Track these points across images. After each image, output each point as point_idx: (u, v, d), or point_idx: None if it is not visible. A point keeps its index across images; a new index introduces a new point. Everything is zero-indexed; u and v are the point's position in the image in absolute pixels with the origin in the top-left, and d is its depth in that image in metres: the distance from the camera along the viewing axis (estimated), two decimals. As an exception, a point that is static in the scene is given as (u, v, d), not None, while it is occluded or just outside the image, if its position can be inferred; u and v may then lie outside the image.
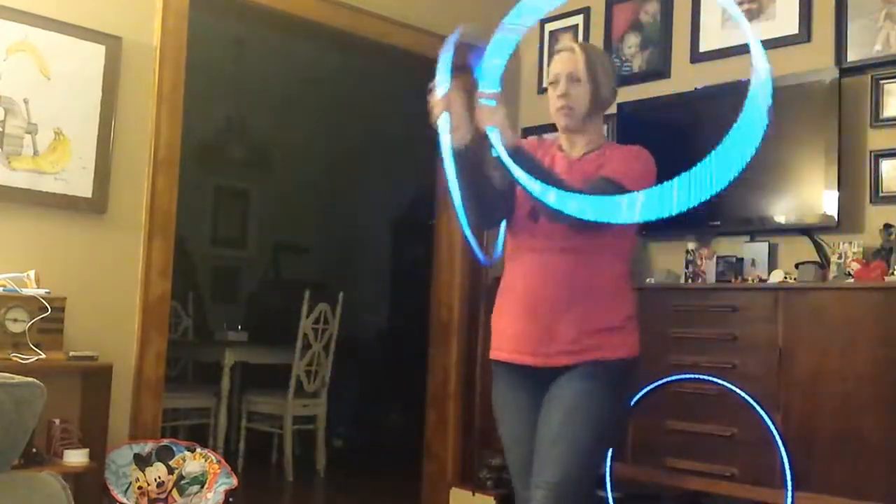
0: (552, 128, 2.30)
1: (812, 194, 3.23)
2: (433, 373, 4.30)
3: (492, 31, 1.94)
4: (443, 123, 2.00)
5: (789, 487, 2.72)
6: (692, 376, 3.00)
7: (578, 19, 4.23)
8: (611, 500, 3.18)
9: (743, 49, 3.58)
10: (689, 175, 1.61)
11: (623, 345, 2.14)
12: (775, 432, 2.76)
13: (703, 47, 3.75)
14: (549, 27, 4.33)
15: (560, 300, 2.11)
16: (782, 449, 2.73)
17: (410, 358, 4.88)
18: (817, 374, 2.86)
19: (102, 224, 3.12)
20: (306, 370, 5.05)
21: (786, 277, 3.17)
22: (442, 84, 2.00)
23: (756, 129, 1.58)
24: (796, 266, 3.19)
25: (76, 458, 2.79)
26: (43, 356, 2.72)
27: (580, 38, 4.18)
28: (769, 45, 3.51)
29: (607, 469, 3.15)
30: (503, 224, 2.26)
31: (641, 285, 3.32)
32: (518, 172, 1.83)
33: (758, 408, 2.80)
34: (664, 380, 2.98)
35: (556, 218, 1.95)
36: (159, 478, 3.03)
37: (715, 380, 2.94)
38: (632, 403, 2.97)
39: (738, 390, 2.86)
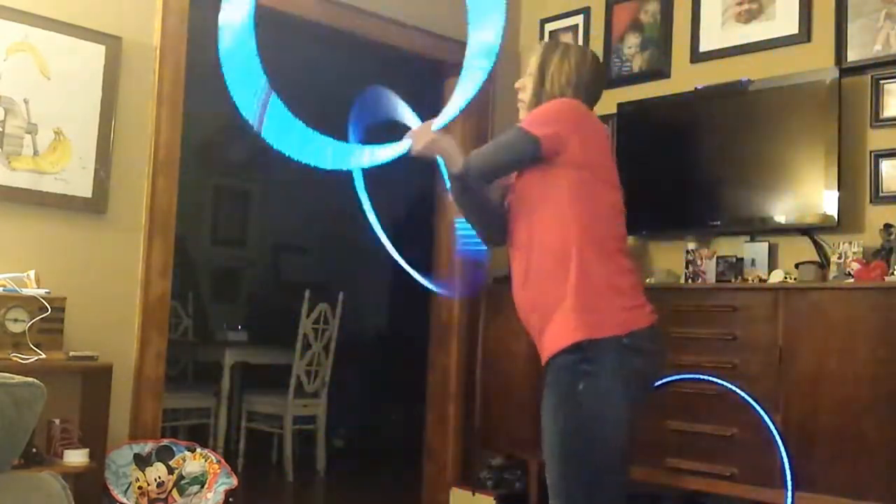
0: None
1: (812, 194, 3.23)
2: (433, 373, 4.30)
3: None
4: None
5: (789, 487, 2.71)
6: (692, 376, 2.99)
7: (578, 19, 4.23)
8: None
9: (743, 49, 3.61)
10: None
11: (559, 335, 1.99)
12: (775, 432, 2.76)
13: (703, 47, 3.75)
14: (549, 27, 4.33)
15: (524, 296, 2.13)
16: (782, 449, 2.73)
17: (410, 358, 4.87)
18: (817, 374, 2.86)
19: (102, 224, 3.12)
20: (306, 370, 5.04)
21: (786, 277, 3.18)
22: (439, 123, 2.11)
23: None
24: (796, 266, 3.19)
25: (76, 458, 2.79)
26: (43, 356, 2.71)
27: (580, 37, 4.18)
28: (769, 45, 3.52)
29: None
30: None
31: (641, 285, 3.32)
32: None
33: (758, 408, 2.79)
34: (664, 380, 2.97)
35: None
36: (159, 478, 3.03)
37: (715, 380, 2.94)
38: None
39: (738, 390, 2.86)
